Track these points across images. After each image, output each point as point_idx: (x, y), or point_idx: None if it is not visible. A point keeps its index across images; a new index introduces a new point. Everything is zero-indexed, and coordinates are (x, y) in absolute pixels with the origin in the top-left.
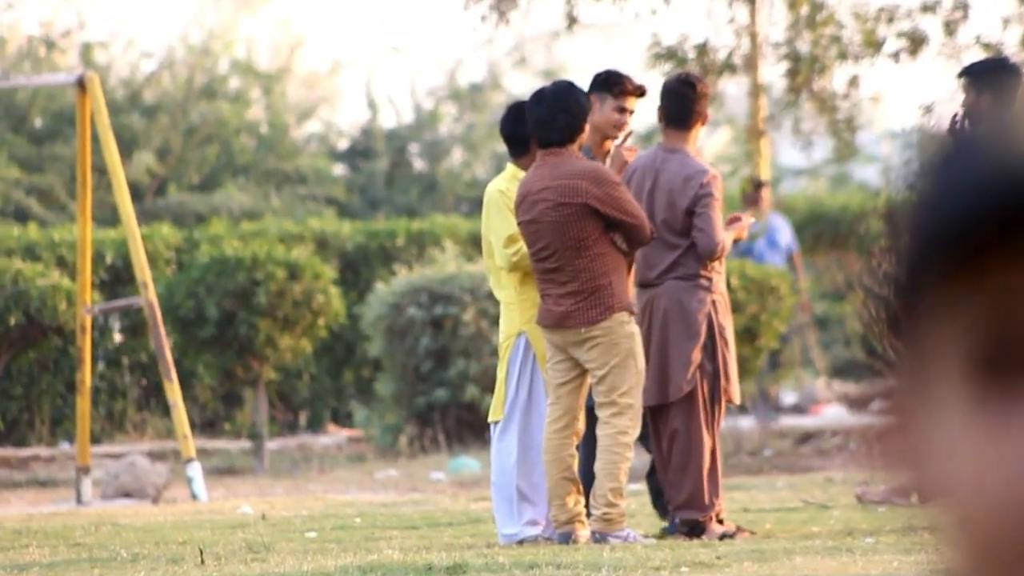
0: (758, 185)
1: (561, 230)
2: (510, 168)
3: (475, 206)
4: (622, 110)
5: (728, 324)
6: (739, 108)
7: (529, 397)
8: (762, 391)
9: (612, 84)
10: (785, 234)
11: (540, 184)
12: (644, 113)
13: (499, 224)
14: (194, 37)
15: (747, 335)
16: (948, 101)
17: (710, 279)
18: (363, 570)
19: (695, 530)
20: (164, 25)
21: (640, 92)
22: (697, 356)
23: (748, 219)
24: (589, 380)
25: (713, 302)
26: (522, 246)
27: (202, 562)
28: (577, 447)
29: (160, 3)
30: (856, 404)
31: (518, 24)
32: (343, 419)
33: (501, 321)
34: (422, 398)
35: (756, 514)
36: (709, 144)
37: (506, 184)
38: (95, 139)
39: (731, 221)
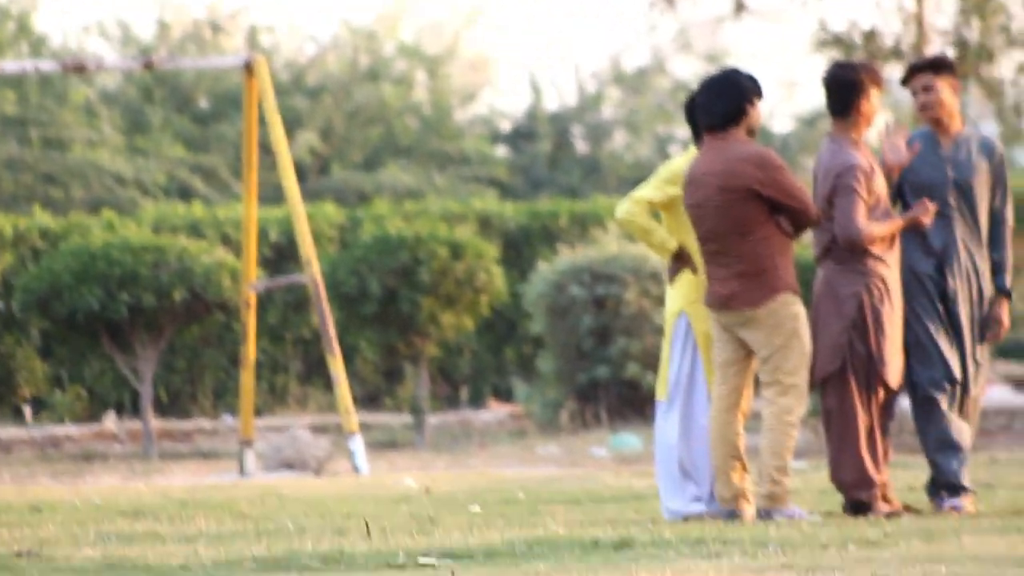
0: None
1: (725, 214)
2: (691, 150)
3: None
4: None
5: (888, 309)
6: (904, 95)
7: (691, 376)
8: None
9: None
10: None
11: (705, 168)
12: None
13: (643, 185)
14: (360, 20)
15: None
16: None
17: (865, 264)
18: (529, 544)
19: (860, 509)
20: (329, 8)
21: (935, 65)
22: (843, 338)
23: (930, 207)
24: (755, 361)
25: (868, 286)
26: (638, 213)
27: (368, 535)
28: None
29: None
30: (1022, 384)
31: (685, 10)
32: (504, 395)
33: (667, 300)
34: (583, 375)
35: (922, 493)
36: (870, 131)
37: (678, 159)
38: (261, 120)
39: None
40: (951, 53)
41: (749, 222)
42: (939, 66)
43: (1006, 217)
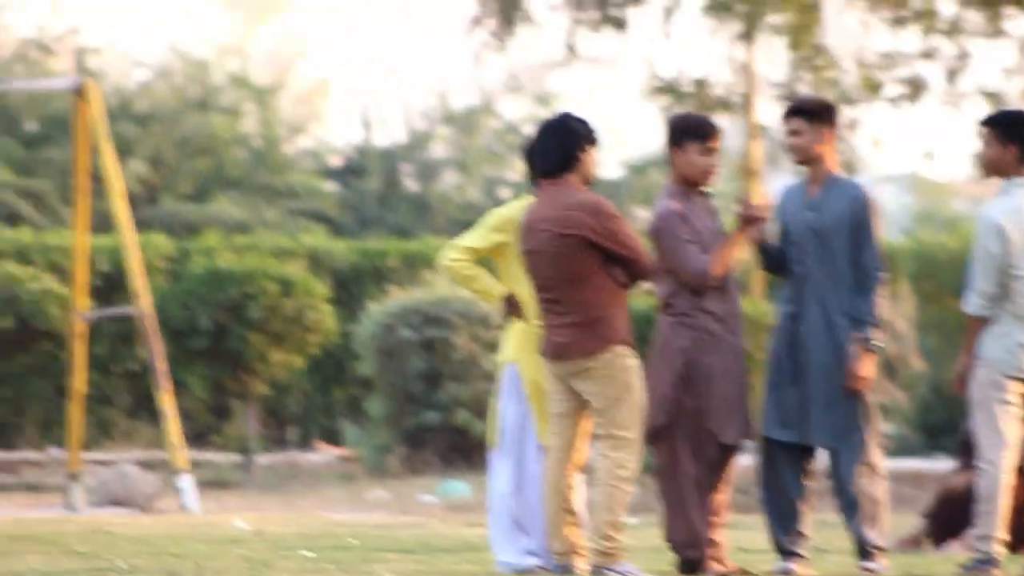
0: None
1: (559, 262)
2: (523, 197)
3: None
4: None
5: (720, 363)
6: (734, 145)
7: (522, 427)
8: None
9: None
10: None
11: (540, 215)
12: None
13: (472, 230)
14: (190, 48)
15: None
16: (948, 148)
17: (695, 318)
18: None
19: (692, 568)
20: (158, 34)
21: (805, 110)
22: (672, 393)
23: (757, 205)
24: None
25: (696, 340)
26: (460, 261)
27: None
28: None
29: (156, 13)
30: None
31: (515, 52)
32: (332, 437)
33: (501, 348)
34: (413, 419)
35: (753, 554)
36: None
37: (510, 206)
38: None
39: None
40: (781, 106)
41: (583, 271)
42: (811, 111)
43: (872, 267)
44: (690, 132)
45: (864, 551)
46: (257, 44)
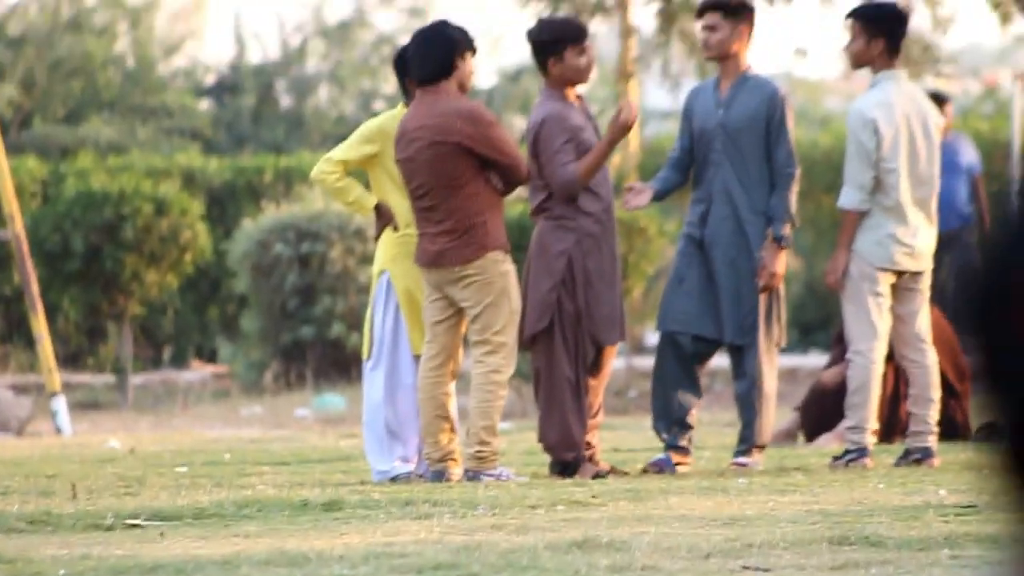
0: (941, 100)
1: (435, 169)
2: (397, 108)
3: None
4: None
5: (599, 266)
6: (609, 49)
7: (395, 336)
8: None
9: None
10: (967, 155)
11: (416, 122)
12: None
13: (344, 143)
14: None
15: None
16: (820, 46)
17: (575, 221)
18: (238, 505)
19: (567, 469)
20: None
21: (722, 6)
22: (552, 297)
23: (628, 107)
24: (466, 319)
25: (578, 242)
26: (331, 173)
27: (74, 496)
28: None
29: None
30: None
31: None
32: (208, 355)
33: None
34: (288, 335)
35: (626, 454)
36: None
37: (383, 117)
38: None
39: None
40: (654, 8)
41: (459, 177)
42: (727, 7)
43: (784, 164)
44: (567, 37)
45: (742, 446)
46: None
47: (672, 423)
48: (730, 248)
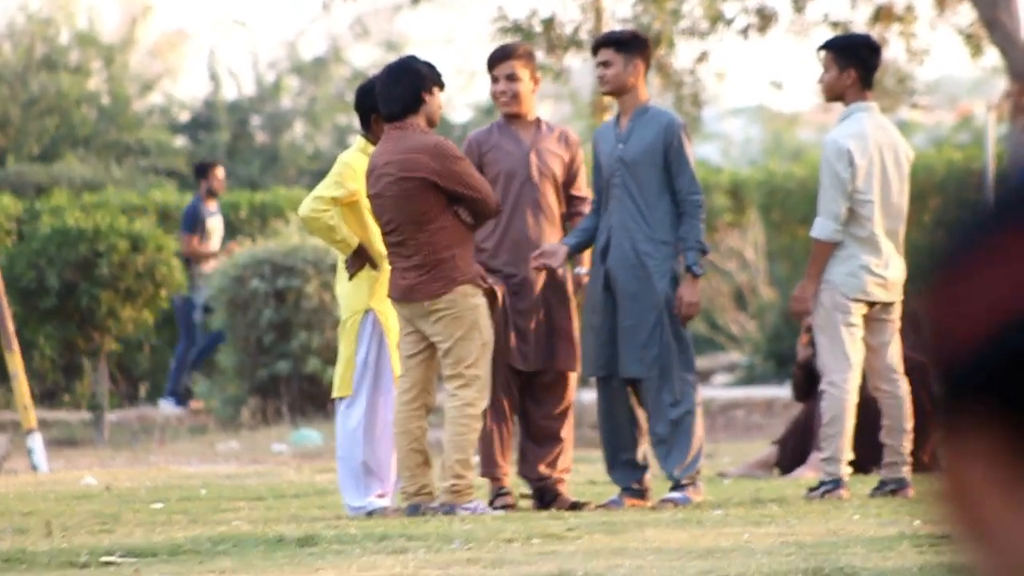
0: None
1: (403, 204)
2: (360, 141)
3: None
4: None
5: (513, 296)
6: (583, 83)
7: (376, 372)
8: None
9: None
10: None
11: (384, 158)
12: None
13: (324, 183)
14: (35, 6)
15: None
16: (795, 78)
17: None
18: (214, 541)
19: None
20: None
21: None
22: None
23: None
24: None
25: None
26: (323, 212)
27: (49, 533)
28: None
29: None
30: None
31: None
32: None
33: (346, 297)
34: (264, 370)
35: (603, 487)
36: (551, 120)
37: (350, 155)
38: None
39: None
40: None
41: (426, 212)
42: (621, 41)
43: (689, 192)
44: (487, 64)
45: (674, 484)
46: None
47: (620, 466)
48: (631, 282)
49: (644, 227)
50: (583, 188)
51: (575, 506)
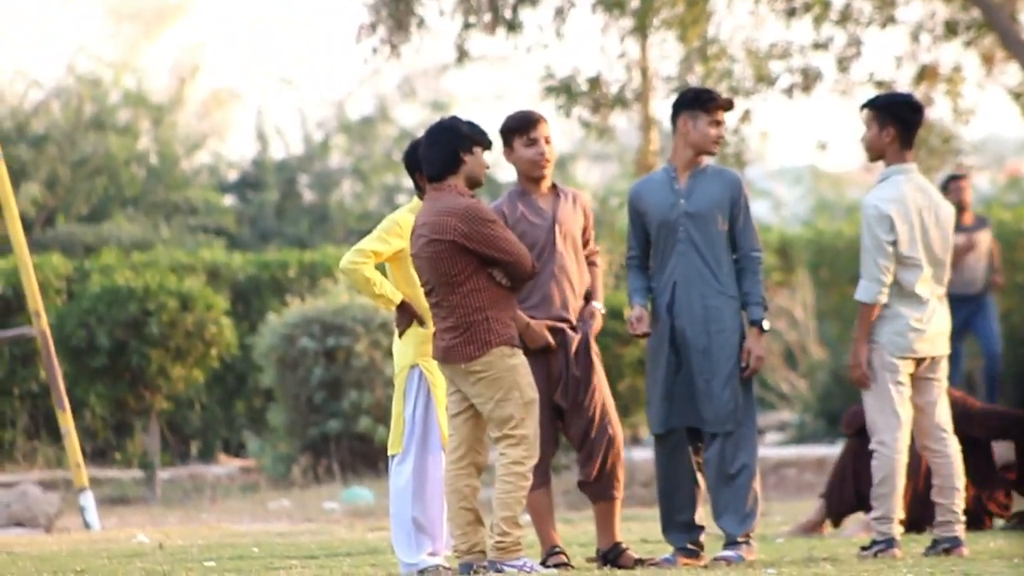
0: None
1: (435, 266)
2: (413, 200)
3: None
4: (717, 123)
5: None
6: (629, 141)
7: (424, 430)
8: None
9: (703, 100)
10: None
11: (422, 219)
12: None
13: (368, 236)
14: (84, 67)
15: (641, 367)
16: (842, 137)
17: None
18: None
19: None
20: (54, 54)
21: (728, 105)
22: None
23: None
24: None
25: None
26: (363, 264)
27: None
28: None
29: (51, 32)
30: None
31: (409, 57)
32: (235, 449)
33: (396, 354)
34: (315, 428)
35: (655, 544)
36: (598, 178)
37: (400, 212)
38: None
39: None
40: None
41: (457, 275)
42: (729, 104)
43: (751, 248)
44: (512, 129)
45: (729, 540)
46: (153, 59)
47: (675, 527)
48: (701, 338)
49: (713, 282)
50: (592, 245)
51: (639, 562)
